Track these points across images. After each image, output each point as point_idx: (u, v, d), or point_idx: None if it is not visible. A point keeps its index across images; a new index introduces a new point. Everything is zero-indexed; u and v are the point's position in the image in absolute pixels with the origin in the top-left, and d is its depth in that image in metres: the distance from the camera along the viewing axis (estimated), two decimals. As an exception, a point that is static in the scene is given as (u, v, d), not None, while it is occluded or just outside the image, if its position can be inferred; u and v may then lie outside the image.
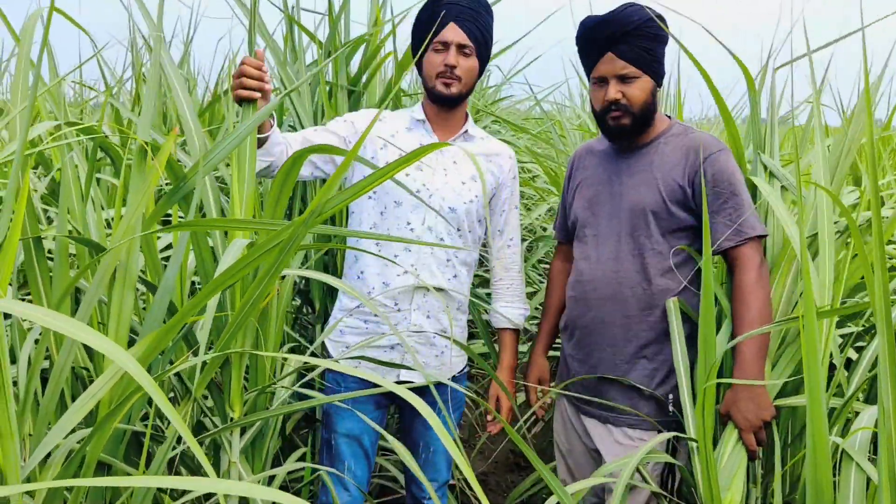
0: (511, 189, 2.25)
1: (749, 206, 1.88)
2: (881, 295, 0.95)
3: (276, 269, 1.15)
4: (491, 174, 2.19)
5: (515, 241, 2.29)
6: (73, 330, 0.97)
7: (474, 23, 2.07)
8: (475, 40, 2.07)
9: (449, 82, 2.08)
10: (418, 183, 2.10)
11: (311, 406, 1.70)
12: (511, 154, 2.26)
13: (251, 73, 1.74)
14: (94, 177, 1.75)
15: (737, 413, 1.73)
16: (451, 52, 2.07)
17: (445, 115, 2.16)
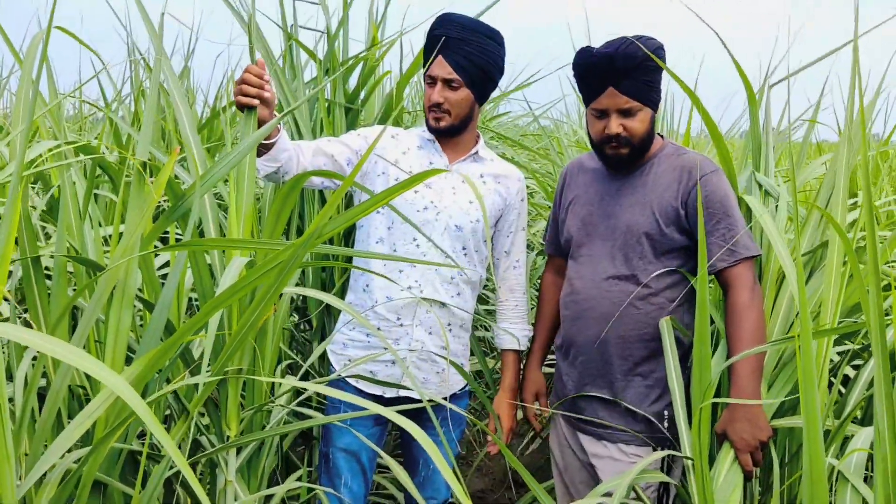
0: (519, 211, 2.25)
1: (742, 226, 1.89)
2: (876, 319, 0.95)
3: (274, 290, 1.15)
4: (499, 195, 2.20)
5: (521, 263, 2.30)
6: (70, 355, 0.97)
7: (462, 54, 2.06)
8: (462, 71, 2.06)
9: (438, 116, 2.10)
10: (426, 200, 2.11)
11: (308, 426, 1.69)
12: (520, 176, 2.27)
13: (251, 81, 1.76)
14: (91, 195, 1.75)
15: (733, 433, 1.73)
16: (437, 87, 2.08)
17: (452, 138, 2.17)
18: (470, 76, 2.07)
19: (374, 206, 1.30)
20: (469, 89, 2.09)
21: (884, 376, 0.96)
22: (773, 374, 1.84)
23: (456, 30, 2.07)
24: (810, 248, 1.95)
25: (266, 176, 1.98)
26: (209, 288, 1.60)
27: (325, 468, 2.14)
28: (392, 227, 2.11)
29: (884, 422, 0.96)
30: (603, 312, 1.97)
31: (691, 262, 1.95)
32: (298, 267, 1.20)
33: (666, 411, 1.95)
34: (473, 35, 2.07)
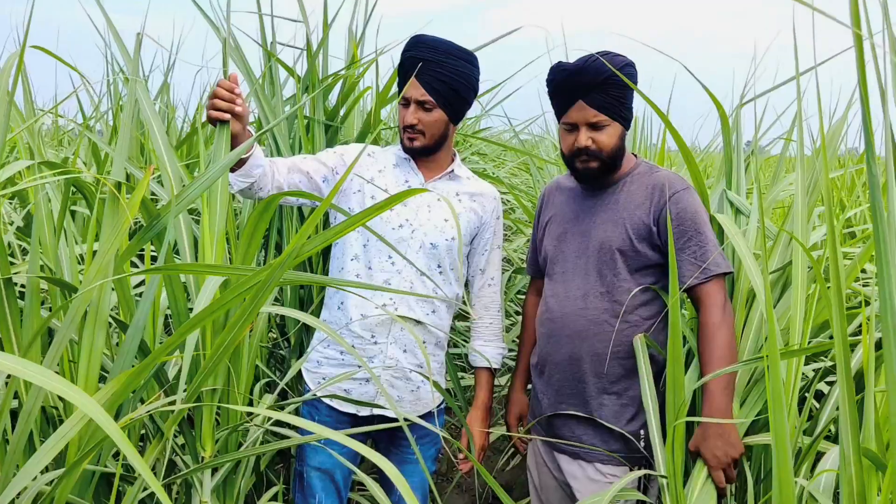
0: (494, 229, 2.27)
1: (713, 243, 1.91)
2: (840, 339, 0.97)
3: (250, 313, 1.15)
4: (474, 213, 2.21)
5: (496, 281, 2.31)
6: (42, 378, 0.97)
7: (434, 75, 2.07)
8: (436, 92, 2.08)
9: (412, 137, 2.12)
10: (401, 218, 2.12)
11: (284, 446, 1.69)
12: (496, 195, 2.28)
13: (222, 95, 1.77)
14: (66, 214, 1.74)
15: (706, 450, 1.74)
16: (411, 109, 2.10)
17: (428, 157, 2.19)
18: (443, 97, 2.09)
19: (351, 228, 1.31)
20: (442, 110, 2.11)
21: (848, 398, 0.97)
22: (745, 391, 1.86)
23: (428, 52, 2.09)
24: (781, 265, 1.97)
25: (240, 191, 1.98)
26: (184, 309, 1.60)
27: (300, 487, 2.13)
28: (367, 245, 2.12)
29: (848, 444, 0.97)
30: (577, 330, 1.99)
31: (665, 280, 1.97)
32: (275, 286, 1.20)
33: (642, 430, 1.95)
34: (446, 57, 2.09)
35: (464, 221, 2.17)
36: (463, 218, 2.18)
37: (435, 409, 2.23)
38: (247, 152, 1.88)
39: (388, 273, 2.10)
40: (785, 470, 1.10)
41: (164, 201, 1.58)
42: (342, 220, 1.31)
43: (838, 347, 0.95)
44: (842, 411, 0.97)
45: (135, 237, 1.47)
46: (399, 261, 2.10)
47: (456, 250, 2.16)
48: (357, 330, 2.10)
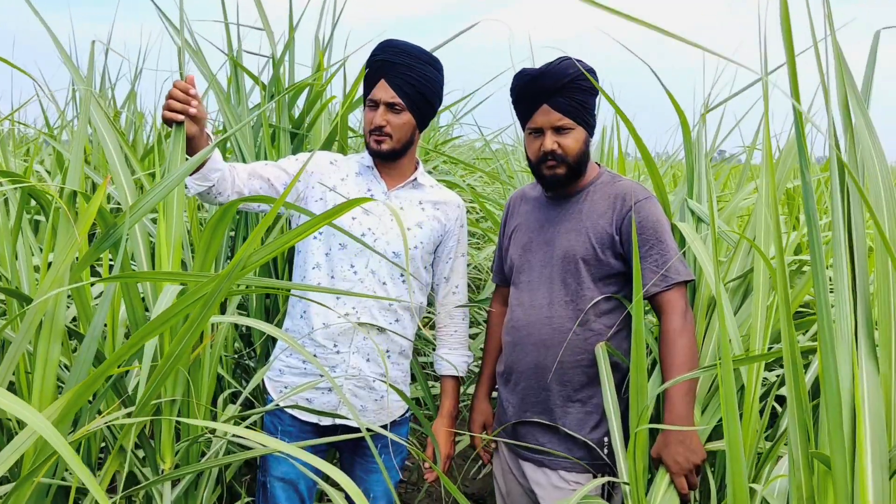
0: (458, 237, 2.26)
1: (674, 251, 1.92)
2: (789, 348, 0.98)
3: (199, 323, 1.14)
4: (438, 221, 2.21)
5: (461, 289, 2.30)
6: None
7: (405, 78, 2.07)
8: (405, 95, 2.08)
9: (380, 139, 2.10)
10: (364, 227, 2.11)
11: (246, 458, 1.67)
12: (459, 203, 2.28)
13: (177, 96, 1.75)
14: (21, 223, 1.72)
15: (668, 456, 1.75)
16: (379, 111, 2.09)
17: (390, 164, 2.18)
18: (412, 100, 2.09)
19: (306, 233, 1.30)
20: (411, 113, 2.10)
21: (797, 404, 0.98)
22: (707, 397, 1.88)
23: (398, 55, 2.08)
24: (742, 272, 1.99)
25: (199, 195, 1.96)
26: (142, 318, 1.58)
27: (263, 498, 2.11)
28: (329, 254, 2.11)
29: (797, 449, 0.98)
30: (542, 339, 1.99)
31: (628, 288, 1.98)
32: (228, 296, 1.19)
33: (606, 438, 1.96)
34: (415, 61, 2.09)
35: (427, 230, 2.17)
36: (426, 226, 2.17)
37: (400, 417, 2.22)
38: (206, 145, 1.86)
39: (350, 282, 2.08)
40: (738, 475, 1.11)
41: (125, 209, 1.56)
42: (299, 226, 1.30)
43: (786, 353, 0.96)
44: (790, 416, 0.98)
45: (91, 247, 1.46)
46: (361, 270, 2.09)
47: (419, 259, 2.16)
48: (319, 339, 2.09)
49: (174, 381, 1.58)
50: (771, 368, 2.35)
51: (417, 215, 2.17)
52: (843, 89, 1.09)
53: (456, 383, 2.29)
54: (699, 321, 1.93)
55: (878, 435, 0.91)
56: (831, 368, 0.89)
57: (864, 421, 0.92)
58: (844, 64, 1.13)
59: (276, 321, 2.56)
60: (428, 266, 2.22)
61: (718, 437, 1.88)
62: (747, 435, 1.67)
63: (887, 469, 0.93)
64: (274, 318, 2.65)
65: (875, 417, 0.92)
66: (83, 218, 1.32)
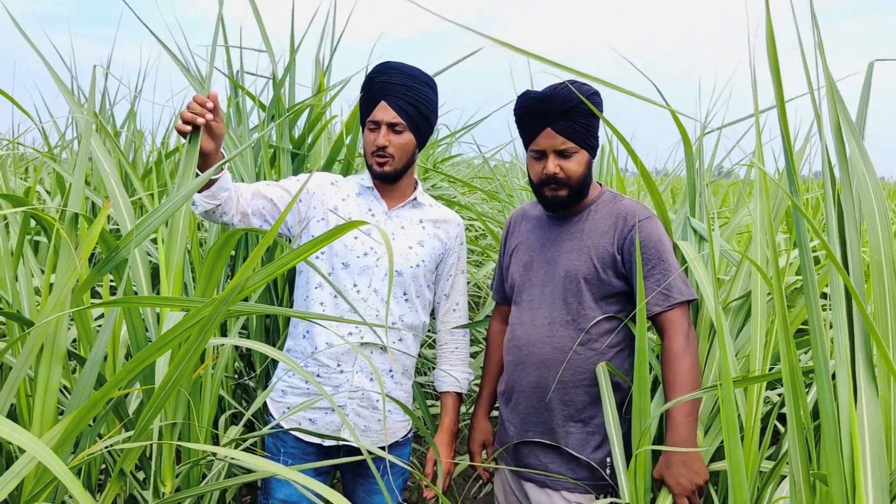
0: (458, 255, 2.28)
1: (676, 271, 1.92)
2: (788, 368, 0.98)
3: (198, 346, 1.14)
4: (438, 240, 2.22)
5: (462, 306, 2.31)
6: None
7: (405, 98, 2.09)
8: (406, 116, 2.10)
9: (382, 161, 2.12)
10: (366, 246, 2.12)
11: (248, 481, 1.66)
12: (459, 221, 2.30)
13: (193, 108, 1.74)
14: (23, 246, 1.72)
15: (670, 478, 1.75)
16: (382, 131, 2.10)
17: (391, 184, 2.19)
18: (413, 120, 2.11)
19: (306, 253, 1.30)
20: (412, 133, 2.12)
21: (797, 426, 0.98)
22: (710, 418, 1.87)
23: (398, 77, 2.11)
24: (744, 292, 1.99)
25: (203, 213, 1.97)
26: (143, 342, 1.58)
27: None
28: (332, 273, 2.11)
29: (798, 470, 0.98)
30: (544, 358, 1.99)
31: (630, 308, 1.98)
32: (227, 318, 1.19)
33: (609, 458, 1.95)
34: (414, 81, 2.12)
35: (428, 248, 2.18)
36: (427, 244, 2.18)
37: (402, 438, 2.22)
38: (216, 174, 1.86)
39: (353, 301, 2.08)
40: (740, 496, 1.10)
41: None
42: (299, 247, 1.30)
43: (785, 375, 0.96)
44: (790, 438, 0.98)
45: (92, 270, 1.46)
46: (364, 289, 2.10)
47: (421, 277, 2.17)
48: (323, 359, 2.09)
49: (175, 403, 1.58)
50: (773, 387, 2.35)
51: (419, 234, 2.19)
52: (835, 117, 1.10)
53: (456, 400, 2.29)
54: (701, 342, 1.93)
55: (878, 457, 0.91)
56: (826, 392, 0.89)
57: (864, 443, 0.92)
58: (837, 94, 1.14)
59: (280, 344, 2.55)
60: (430, 284, 2.23)
61: (721, 458, 1.87)
62: (748, 455, 1.66)
63: (888, 492, 0.93)
64: (273, 339, 2.65)
65: (875, 440, 0.92)
66: (85, 243, 1.33)
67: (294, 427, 2.02)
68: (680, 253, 2.03)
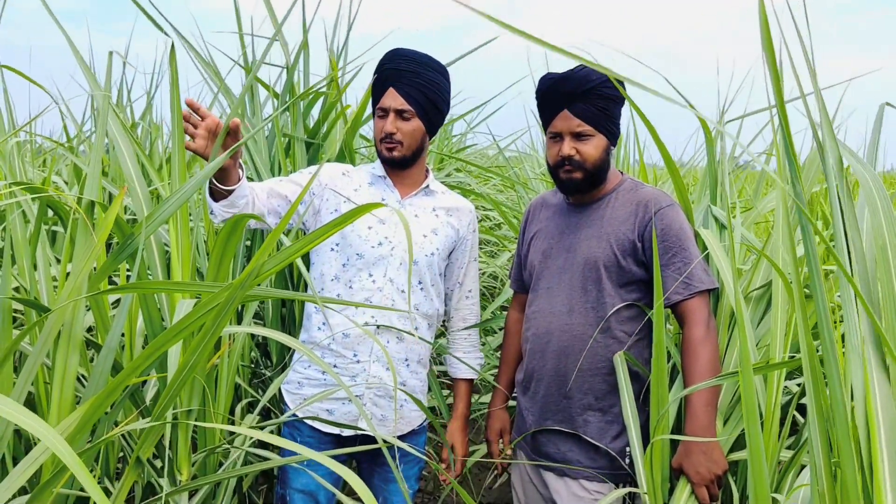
0: (471, 242, 2.28)
1: (697, 259, 1.90)
2: (808, 355, 0.96)
3: (213, 332, 1.14)
4: (451, 228, 2.22)
5: (474, 293, 2.31)
6: (6, 409, 0.95)
7: (413, 85, 2.09)
8: (414, 102, 2.09)
9: (391, 147, 2.11)
10: (380, 236, 2.12)
11: (265, 468, 1.67)
12: (471, 208, 2.29)
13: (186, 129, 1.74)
14: (39, 234, 1.73)
15: (689, 467, 1.73)
16: (390, 118, 2.10)
17: (402, 173, 2.19)
18: (421, 107, 2.11)
19: (319, 239, 1.29)
20: (420, 120, 2.12)
21: (818, 412, 0.96)
22: (729, 407, 1.85)
23: (406, 63, 2.11)
24: (766, 281, 1.97)
25: (223, 221, 1.97)
26: (159, 329, 1.58)
27: None
28: (347, 264, 2.11)
29: (819, 458, 0.96)
30: (562, 346, 1.97)
31: (650, 296, 1.96)
32: (243, 302, 1.19)
33: (628, 447, 1.94)
34: (423, 68, 2.11)
35: (441, 236, 2.18)
36: (441, 232, 2.18)
37: (418, 426, 2.22)
38: (234, 180, 1.86)
39: (368, 291, 2.09)
40: (761, 484, 1.09)
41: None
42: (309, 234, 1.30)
43: (805, 362, 0.95)
44: (811, 425, 0.96)
45: (108, 258, 1.46)
46: (379, 279, 2.10)
47: (436, 266, 2.16)
48: (339, 349, 2.09)
49: (190, 390, 1.59)
50: (792, 377, 2.33)
51: (432, 222, 2.18)
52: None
53: (469, 386, 2.30)
54: (721, 331, 1.91)
55: (894, 444, 0.89)
56: (834, 379, 0.88)
57: (879, 432, 0.91)
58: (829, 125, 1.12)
59: (296, 336, 2.56)
60: (443, 272, 2.23)
61: (740, 448, 1.86)
62: (768, 443, 1.64)
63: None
64: (290, 329, 2.65)
65: (890, 427, 0.90)
66: (101, 228, 1.33)
67: (311, 416, 2.02)
68: (700, 241, 2.01)
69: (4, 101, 2.44)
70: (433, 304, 2.19)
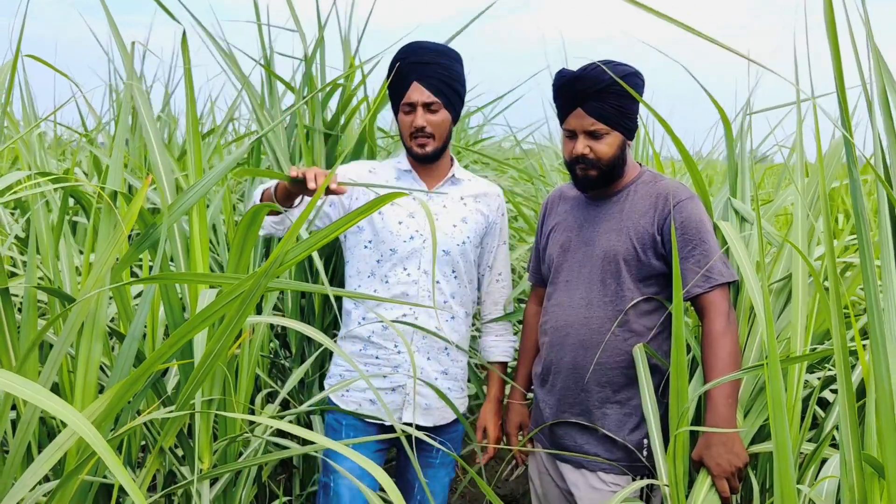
0: (500, 226, 2.30)
1: (717, 252, 1.89)
2: (840, 346, 0.96)
3: (238, 320, 1.14)
4: (481, 214, 2.24)
5: (505, 276, 2.34)
6: (33, 395, 0.96)
7: (436, 76, 2.10)
8: (440, 93, 2.10)
9: (423, 143, 2.13)
10: (411, 230, 2.15)
11: (285, 457, 1.68)
12: (499, 192, 2.32)
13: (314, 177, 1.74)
14: (63, 224, 1.74)
15: (709, 459, 1.72)
16: (418, 113, 2.11)
17: (429, 165, 2.21)
18: (447, 97, 2.12)
19: (345, 227, 1.30)
20: (447, 110, 2.14)
21: (848, 403, 0.96)
22: (750, 400, 1.84)
23: (427, 55, 2.12)
24: (786, 274, 1.95)
25: (266, 234, 2.07)
26: (180, 319, 1.59)
27: (325, 498, 2.13)
28: (381, 261, 2.15)
29: (849, 450, 0.96)
30: (580, 339, 1.97)
31: (669, 289, 1.94)
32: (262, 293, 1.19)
33: (645, 440, 1.93)
34: (443, 58, 2.13)
35: (472, 224, 2.20)
36: (471, 220, 2.20)
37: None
38: (293, 205, 1.92)
39: (404, 284, 2.13)
40: (786, 474, 1.08)
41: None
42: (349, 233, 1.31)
43: (837, 353, 0.94)
44: (842, 417, 0.96)
45: (130, 247, 1.47)
46: (414, 272, 2.14)
47: (469, 253, 2.20)
48: (380, 341, 2.14)
49: (212, 380, 1.60)
50: (812, 371, 2.31)
51: (461, 211, 2.20)
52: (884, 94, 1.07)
53: (502, 369, 2.33)
54: (741, 324, 1.90)
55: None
56: (882, 366, 0.87)
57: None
58: (885, 68, 1.10)
59: (326, 325, 2.59)
60: (476, 259, 2.26)
61: (760, 440, 1.85)
62: (790, 436, 1.63)
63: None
64: (308, 320, 2.66)
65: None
66: (125, 217, 1.34)
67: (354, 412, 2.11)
68: (719, 234, 1.99)
69: (26, 92, 2.46)
70: (468, 292, 2.22)
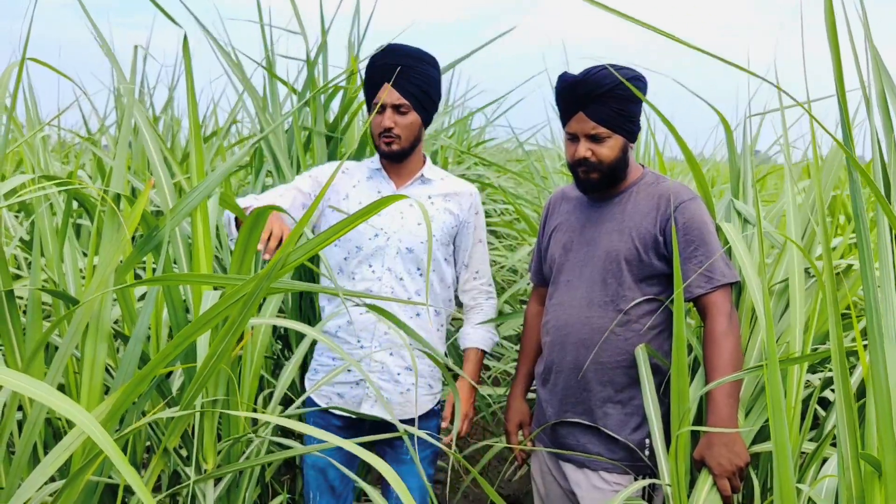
0: (474, 225, 2.32)
1: (720, 253, 1.90)
2: (837, 347, 0.96)
3: (240, 322, 1.16)
4: (449, 213, 2.26)
5: (482, 273, 2.36)
6: (41, 394, 0.97)
7: (407, 79, 2.14)
8: (410, 96, 2.14)
9: (389, 141, 2.17)
10: (376, 228, 2.18)
11: (288, 456, 1.69)
12: (472, 191, 2.33)
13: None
14: (67, 226, 1.76)
15: (711, 458, 1.73)
16: (387, 113, 2.15)
17: (398, 164, 2.25)
18: (418, 100, 2.16)
19: (336, 236, 1.32)
20: (416, 113, 2.17)
21: (846, 402, 0.97)
22: (751, 400, 1.85)
23: (400, 58, 2.15)
24: (787, 275, 1.96)
25: None
26: (183, 320, 1.60)
27: (304, 485, 2.22)
28: (348, 257, 2.20)
29: (847, 448, 0.97)
30: (582, 339, 1.98)
31: (671, 290, 1.95)
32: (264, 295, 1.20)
33: (647, 440, 1.94)
34: (416, 62, 2.16)
35: (439, 223, 2.22)
36: (437, 220, 2.23)
37: (429, 410, 2.26)
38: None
39: (368, 281, 2.17)
40: (785, 473, 1.09)
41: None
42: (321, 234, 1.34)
43: (834, 352, 0.95)
44: (839, 416, 0.97)
45: (133, 250, 1.48)
46: (378, 269, 2.18)
47: (435, 252, 2.22)
48: (344, 336, 2.18)
49: (216, 381, 1.61)
50: (813, 371, 2.32)
51: (428, 210, 2.21)
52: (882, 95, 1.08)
53: (479, 354, 2.33)
54: (744, 325, 1.91)
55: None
56: (880, 365, 0.87)
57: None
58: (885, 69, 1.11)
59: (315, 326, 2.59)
60: (447, 258, 2.28)
61: (761, 440, 1.86)
62: (790, 436, 1.64)
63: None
64: (308, 320, 2.68)
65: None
66: (129, 220, 1.35)
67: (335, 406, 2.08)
68: (721, 235, 2.00)
69: (30, 95, 2.48)
70: (436, 290, 2.25)
